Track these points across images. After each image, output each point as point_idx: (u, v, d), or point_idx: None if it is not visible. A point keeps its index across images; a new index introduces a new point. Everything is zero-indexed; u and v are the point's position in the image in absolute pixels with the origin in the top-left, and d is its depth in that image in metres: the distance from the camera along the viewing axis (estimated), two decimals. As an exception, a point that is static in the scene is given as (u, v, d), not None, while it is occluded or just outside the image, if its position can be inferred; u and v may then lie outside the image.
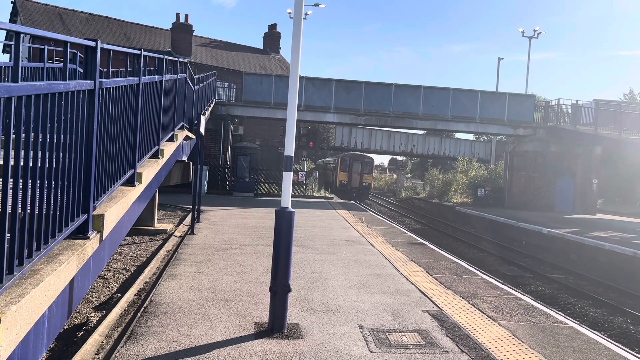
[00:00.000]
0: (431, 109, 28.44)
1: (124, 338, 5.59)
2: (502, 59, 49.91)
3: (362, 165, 38.04)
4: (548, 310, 7.72)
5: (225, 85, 30.61)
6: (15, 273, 2.67)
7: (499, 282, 10.10)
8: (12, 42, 9.34)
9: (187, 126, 11.88)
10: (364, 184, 37.00)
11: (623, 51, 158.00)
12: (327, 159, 48.38)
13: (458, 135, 53.70)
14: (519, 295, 8.70)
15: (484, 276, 10.18)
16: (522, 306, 7.76)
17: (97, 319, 6.88)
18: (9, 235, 2.63)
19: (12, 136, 2.64)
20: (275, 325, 6.00)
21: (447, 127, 30.35)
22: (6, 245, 2.58)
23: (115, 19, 36.31)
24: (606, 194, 35.59)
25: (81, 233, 3.82)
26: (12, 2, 31.98)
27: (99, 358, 5.33)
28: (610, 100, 32.84)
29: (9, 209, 2.64)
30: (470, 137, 53.90)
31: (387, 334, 6.12)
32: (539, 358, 5.59)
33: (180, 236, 13.13)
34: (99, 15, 35.55)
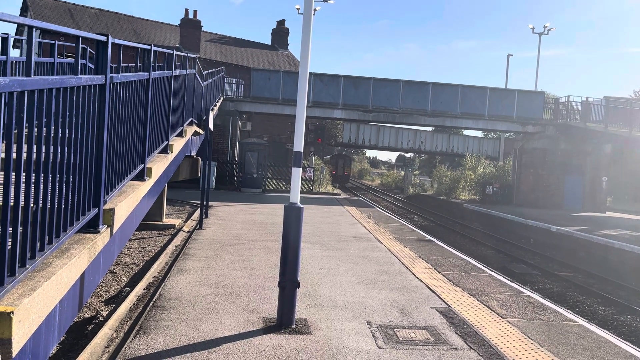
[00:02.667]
0: (439, 106, 28.32)
1: (134, 332, 5.62)
2: (512, 55, 49.61)
3: (344, 161, 53.93)
4: (557, 308, 7.68)
5: (234, 81, 30.66)
6: (27, 266, 2.69)
7: (508, 279, 10.06)
8: (23, 37, 9.35)
9: (196, 122, 11.91)
10: (345, 174, 53.09)
11: (634, 48, 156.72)
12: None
13: (466, 132, 53.48)
14: (528, 292, 8.66)
15: (492, 273, 10.14)
16: (531, 304, 7.72)
17: (107, 312, 6.93)
18: (21, 228, 2.65)
19: (25, 130, 2.65)
20: (284, 321, 6.02)
21: (456, 124, 30.22)
22: (19, 239, 2.60)
23: (124, 14, 36.43)
24: (616, 191, 35.29)
25: (92, 227, 3.83)
26: (22, -3, 32.14)
27: (109, 351, 5.36)
28: (620, 97, 32.55)
29: (21, 203, 2.65)
30: (479, 134, 53.69)
31: (395, 330, 6.11)
32: (549, 356, 5.56)
33: (188, 231, 13.18)
34: (108, 11, 35.68)
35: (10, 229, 2.52)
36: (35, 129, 2.75)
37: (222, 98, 25.01)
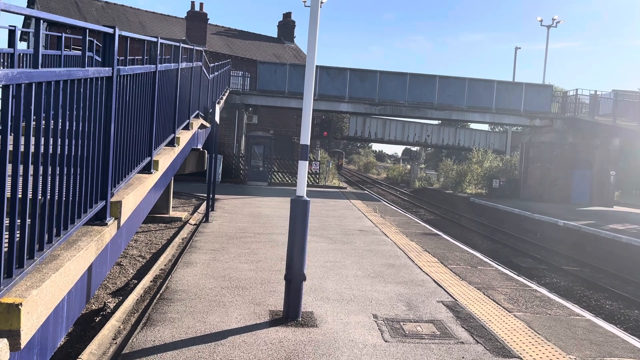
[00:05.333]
0: (446, 99, 28.17)
1: (141, 324, 5.65)
2: (520, 48, 49.22)
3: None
4: (564, 302, 7.65)
5: (240, 74, 30.59)
6: (35, 258, 2.69)
7: (514, 273, 10.02)
8: (30, 30, 9.34)
9: (202, 115, 11.90)
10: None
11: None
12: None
13: (473, 126, 53.24)
14: (535, 287, 8.63)
15: (499, 267, 10.11)
16: (538, 298, 7.70)
17: (114, 304, 6.96)
18: (29, 220, 2.65)
19: (33, 123, 2.65)
20: (290, 314, 6.03)
21: (462, 118, 30.05)
22: (27, 231, 2.60)
23: (130, 7, 36.40)
24: (624, 186, 35.06)
25: (99, 219, 3.84)
26: (29, -10, 32.15)
27: (116, 343, 5.39)
28: (629, 90, 32.22)
29: (29, 195, 2.66)
30: (486, 127, 53.42)
31: (401, 323, 6.11)
32: (556, 350, 5.54)
33: (195, 224, 13.22)
34: (114, 4, 35.66)
35: (19, 221, 2.52)
36: (43, 122, 2.75)
37: (228, 91, 24.99)
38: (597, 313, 9.83)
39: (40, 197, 2.76)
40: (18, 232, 2.50)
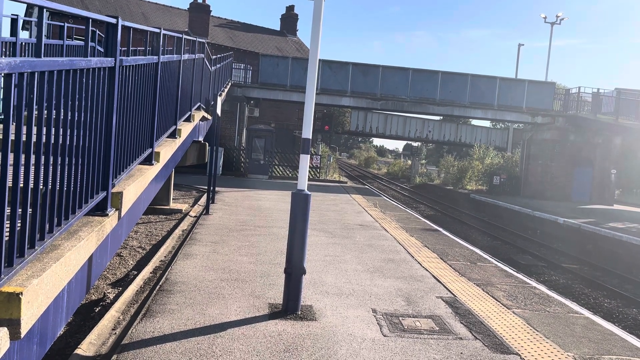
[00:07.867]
0: (448, 95, 28.10)
1: (140, 315, 5.66)
2: (523, 45, 49.07)
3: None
4: (563, 300, 7.66)
5: (242, 67, 30.52)
6: (36, 247, 2.69)
7: (514, 270, 10.03)
8: (32, 19, 9.27)
9: (204, 107, 11.88)
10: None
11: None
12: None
13: (475, 122, 53.06)
14: (534, 284, 8.64)
15: (498, 264, 10.12)
16: (537, 295, 7.71)
17: (114, 295, 6.98)
18: (30, 210, 2.65)
19: (35, 112, 2.64)
20: (289, 307, 6.04)
21: (464, 114, 30.00)
22: (28, 220, 2.60)
23: (133, -2, 36.24)
24: (625, 184, 35.03)
25: (100, 210, 3.83)
26: (31, -21, 32.01)
27: (115, 334, 5.41)
28: (632, 89, 32.12)
29: (31, 185, 2.65)
30: (487, 124, 53.31)
31: (400, 318, 6.12)
32: (554, 347, 5.55)
33: (195, 216, 13.23)
34: (117, -6, 35.48)
35: (20, 210, 2.52)
36: (45, 111, 2.74)
37: (230, 83, 24.94)
38: (595, 311, 9.85)
39: (41, 187, 2.76)
40: (19, 221, 2.50)
